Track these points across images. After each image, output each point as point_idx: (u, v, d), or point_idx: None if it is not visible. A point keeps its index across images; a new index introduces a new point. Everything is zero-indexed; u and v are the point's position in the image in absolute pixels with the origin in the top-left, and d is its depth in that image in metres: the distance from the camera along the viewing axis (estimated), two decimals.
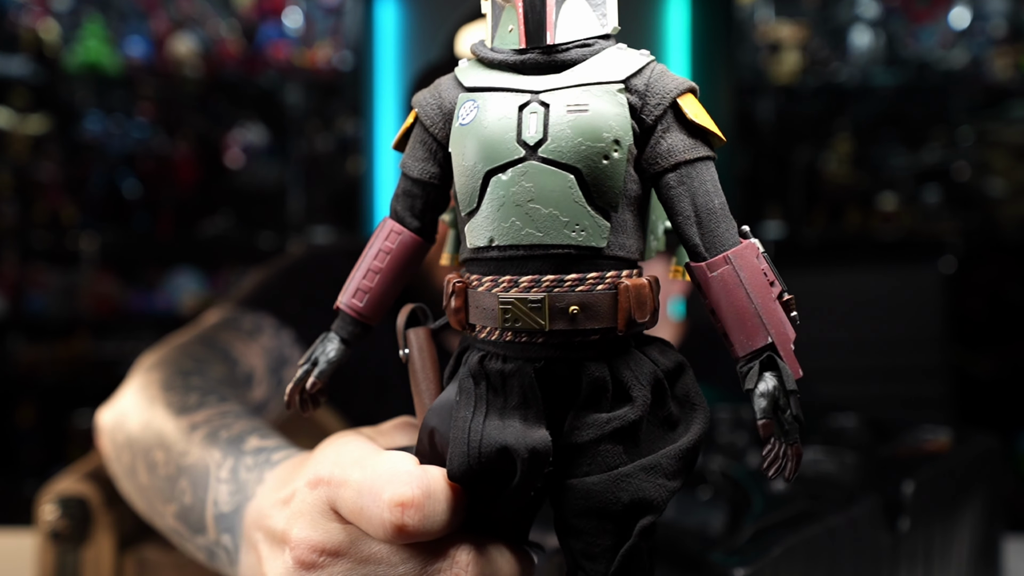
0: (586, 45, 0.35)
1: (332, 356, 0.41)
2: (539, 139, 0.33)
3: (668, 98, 0.35)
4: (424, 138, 0.38)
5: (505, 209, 0.34)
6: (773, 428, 0.34)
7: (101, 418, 0.72)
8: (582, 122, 0.33)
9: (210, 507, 0.53)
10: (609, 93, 0.34)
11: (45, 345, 2.62)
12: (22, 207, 2.57)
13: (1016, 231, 2.55)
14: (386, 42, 2.65)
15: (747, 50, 2.62)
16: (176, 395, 0.66)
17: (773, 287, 0.35)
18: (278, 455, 0.51)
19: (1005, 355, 2.55)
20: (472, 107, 0.35)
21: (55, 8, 2.59)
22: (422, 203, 0.39)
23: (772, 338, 0.34)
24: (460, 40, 1.08)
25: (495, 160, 0.34)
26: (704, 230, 0.35)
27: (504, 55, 0.36)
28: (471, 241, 0.35)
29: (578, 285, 0.34)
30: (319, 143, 2.73)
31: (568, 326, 0.34)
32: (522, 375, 0.35)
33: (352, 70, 2.63)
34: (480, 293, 0.35)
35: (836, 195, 2.61)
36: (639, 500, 0.34)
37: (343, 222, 2.72)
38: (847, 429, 0.87)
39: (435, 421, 0.37)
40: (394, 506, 0.35)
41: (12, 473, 2.58)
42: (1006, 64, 2.49)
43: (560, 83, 0.34)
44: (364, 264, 0.40)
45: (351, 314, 0.40)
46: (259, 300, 0.94)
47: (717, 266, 0.34)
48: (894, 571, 0.69)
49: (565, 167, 0.33)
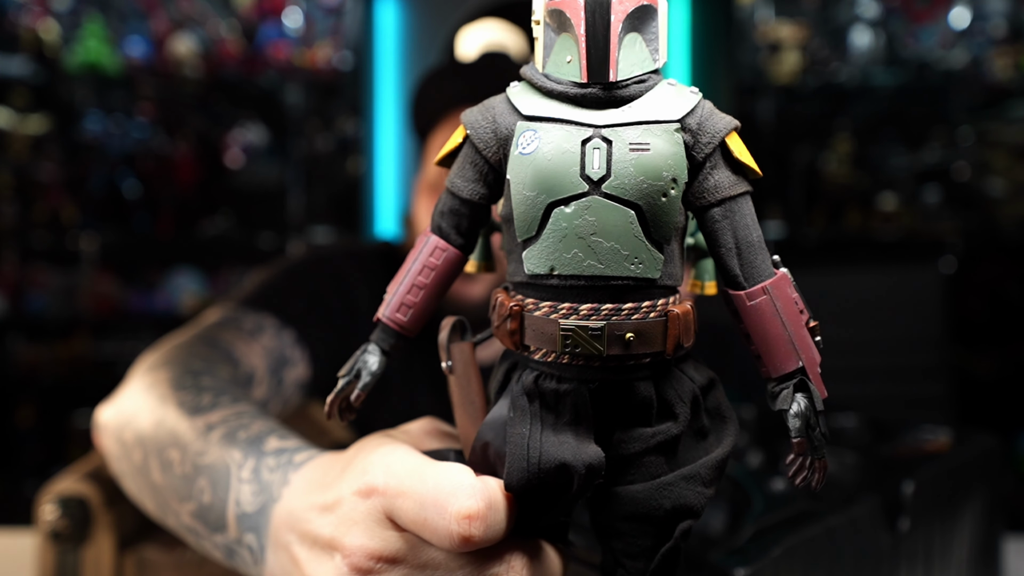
0: (641, 81, 0.36)
1: (375, 369, 0.41)
2: (603, 175, 0.35)
3: (718, 137, 0.37)
4: (475, 159, 0.39)
5: (568, 241, 0.35)
6: (805, 445, 0.37)
7: (101, 416, 0.72)
8: (644, 161, 0.35)
9: (232, 506, 0.54)
10: (667, 132, 0.36)
11: (45, 345, 2.62)
12: (22, 207, 2.57)
13: (1016, 231, 2.55)
14: (386, 42, 2.65)
15: (747, 50, 2.62)
16: (189, 395, 0.67)
17: (803, 315, 0.38)
18: (300, 456, 0.52)
19: (1005, 355, 2.55)
20: (533, 137, 0.36)
21: (55, 8, 2.59)
22: (468, 222, 0.40)
23: (803, 362, 0.38)
24: (460, 41, 1.08)
25: (559, 193, 0.35)
26: (744, 261, 0.38)
27: (563, 86, 0.36)
28: (529, 267, 0.37)
29: (634, 313, 0.36)
30: (319, 143, 2.73)
31: (623, 351, 0.36)
32: (577, 395, 0.37)
33: (352, 70, 2.63)
34: (538, 318, 0.37)
35: (836, 195, 2.61)
36: (680, 506, 0.38)
37: (343, 222, 2.72)
38: (847, 429, 0.87)
39: (490, 435, 0.39)
40: (461, 519, 0.37)
41: (12, 473, 2.58)
42: (1006, 64, 2.49)
43: (620, 119, 0.36)
44: (408, 279, 0.41)
45: (394, 327, 0.41)
46: (260, 300, 0.94)
47: (756, 296, 0.38)
48: (894, 571, 0.69)
49: (627, 203, 0.35)
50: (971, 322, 2.54)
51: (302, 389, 0.93)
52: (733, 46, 2.60)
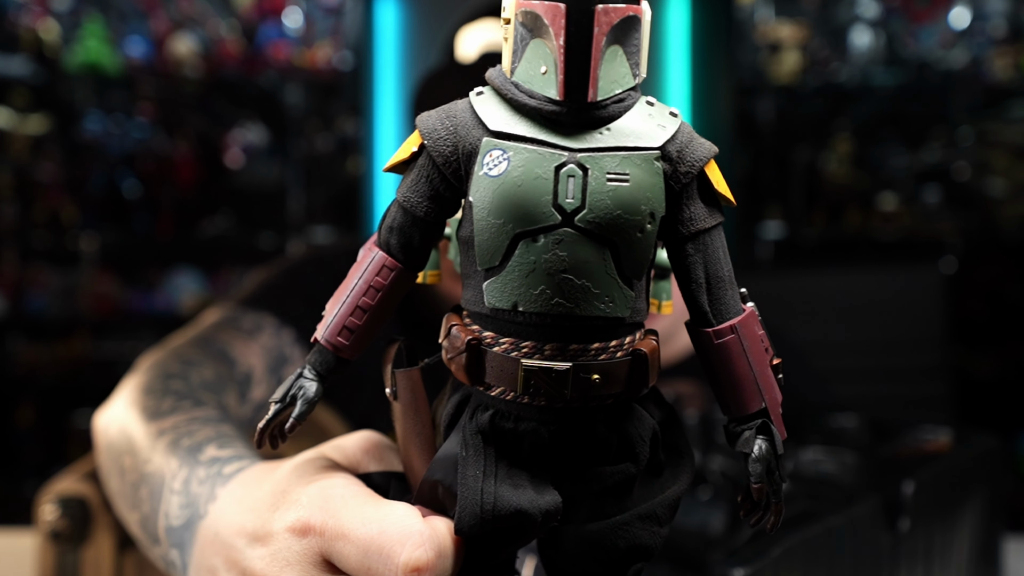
0: (620, 100, 0.33)
1: (311, 396, 0.37)
2: (577, 206, 0.32)
3: (697, 167, 0.34)
4: (431, 174, 0.35)
5: (535, 276, 0.32)
6: (765, 491, 0.36)
7: (96, 421, 0.72)
8: (622, 193, 0.32)
9: (162, 519, 0.52)
10: (647, 162, 0.33)
11: (45, 345, 2.62)
12: (22, 207, 2.57)
13: (1016, 231, 2.55)
14: (386, 42, 2.65)
15: (747, 50, 2.62)
16: (152, 399, 0.66)
17: (767, 353, 0.36)
18: (229, 467, 0.49)
19: (1005, 355, 2.55)
20: (500, 157, 0.33)
21: (55, 8, 2.59)
22: (420, 240, 0.37)
23: (766, 403, 0.36)
24: (460, 41, 1.08)
25: (528, 223, 0.32)
26: (713, 297, 0.36)
27: (537, 101, 0.33)
28: (490, 300, 0.34)
29: (600, 353, 0.34)
30: (319, 143, 2.73)
31: (587, 393, 0.34)
32: (536, 436, 0.35)
33: (352, 70, 2.63)
34: (497, 355, 0.34)
35: (836, 195, 2.61)
36: (635, 546, 0.36)
37: (343, 222, 2.72)
38: (847, 429, 0.87)
39: (439, 474, 0.36)
40: (409, 571, 0.34)
41: (12, 473, 2.58)
42: (1006, 64, 2.49)
43: (598, 143, 0.33)
44: (351, 299, 0.37)
45: (332, 351, 0.37)
46: (260, 299, 0.94)
47: (723, 334, 0.36)
48: (894, 571, 0.69)
49: (601, 239, 0.32)
50: (971, 322, 2.53)
51: None
52: (733, 46, 2.60)
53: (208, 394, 0.71)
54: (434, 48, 2.55)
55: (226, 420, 0.63)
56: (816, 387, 1.30)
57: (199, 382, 0.73)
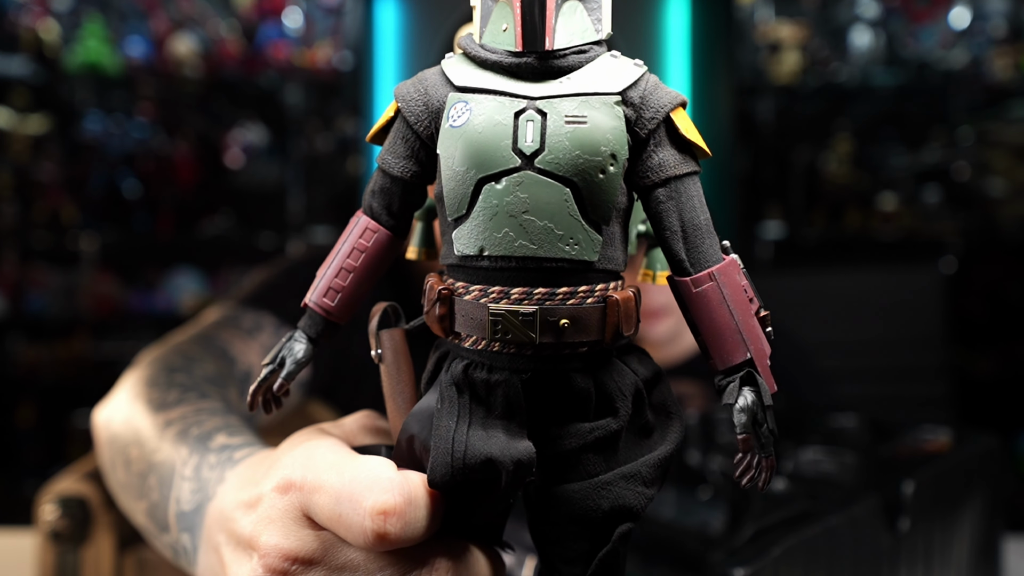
0: (581, 51, 0.34)
1: (300, 357, 0.39)
2: (536, 149, 0.33)
3: (662, 112, 0.34)
4: (406, 134, 0.37)
5: (498, 219, 0.33)
6: (752, 442, 0.35)
7: (96, 417, 0.72)
8: (580, 134, 0.33)
9: (172, 505, 0.53)
10: (607, 105, 0.33)
11: (45, 345, 2.62)
12: (22, 207, 2.57)
13: (1016, 231, 2.55)
14: (386, 42, 2.65)
15: (747, 50, 2.62)
16: (158, 392, 0.66)
17: (752, 303, 0.35)
18: (240, 453, 0.50)
19: (1005, 355, 2.55)
20: (464, 109, 0.34)
21: (55, 8, 2.59)
22: (400, 201, 0.38)
23: (751, 354, 0.35)
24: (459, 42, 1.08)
25: (489, 168, 0.33)
26: (690, 245, 0.35)
27: (498, 55, 0.34)
28: (459, 248, 0.34)
29: (569, 299, 0.34)
30: (319, 143, 2.73)
31: (556, 339, 0.34)
32: (508, 385, 0.35)
33: (352, 70, 2.63)
34: (467, 302, 0.34)
35: (836, 195, 2.61)
36: (619, 507, 0.35)
37: (343, 222, 2.68)
38: (847, 429, 0.87)
39: (415, 428, 0.37)
40: (376, 514, 0.34)
41: (12, 473, 2.58)
42: (1006, 64, 2.49)
43: (557, 91, 0.34)
44: (336, 261, 0.39)
45: (320, 313, 0.39)
46: (260, 299, 0.95)
47: (702, 282, 0.35)
48: (894, 571, 0.69)
49: (562, 179, 0.33)
50: (971, 322, 2.54)
51: (301, 387, 0.93)
52: (733, 46, 2.60)
53: (212, 387, 0.71)
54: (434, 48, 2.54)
55: (232, 412, 0.63)
56: (820, 387, 1.30)
57: (203, 376, 0.73)
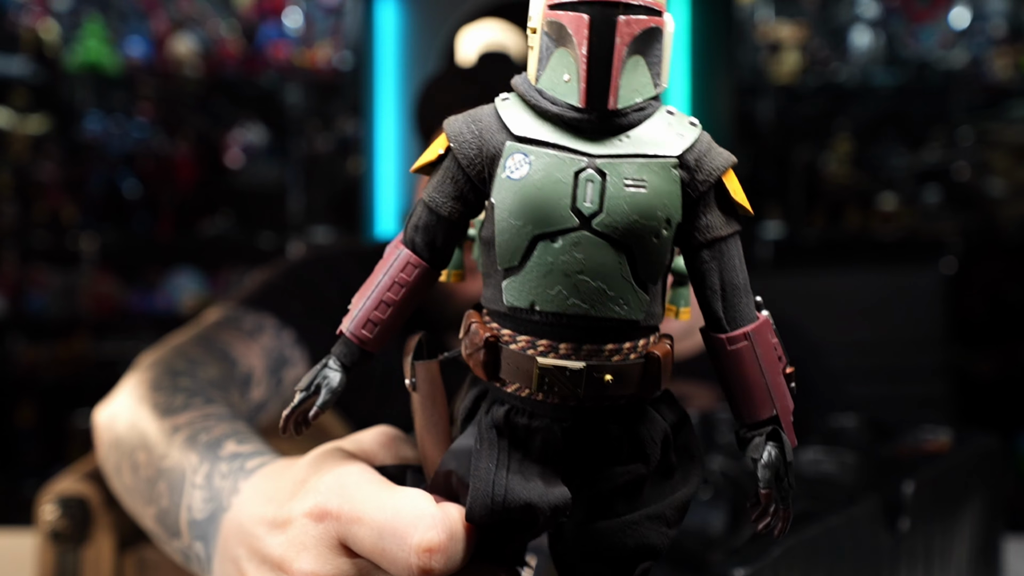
0: (641, 109, 0.34)
1: (336, 386, 0.39)
2: (595, 210, 0.33)
3: (715, 176, 0.35)
4: (456, 175, 0.36)
5: (552, 276, 0.33)
6: (773, 495, 0.36)
7: (96, 417, 0.72)
8: (639, 199, 0.33)
9: (184, 512, 0.53)
10: (665, 169, 0.34)
11: (45, 345, 2.62)
12: (22, 207, 2.57)
13: (1016, 231, 2.55)
14: (386, 42, 2.65)
15: (747, 50, 2.62)
16: (163, 396, 0.66)
17: (780, 361, 0.37)
18: (252, 462, 0.50)
19: (1005, 355, 2.55)
20: (523, 161, 0.34)
21: (55, 8, 2.59)
22: (443, 238, 0.38)
23: (777, 411, 0.36)
24: (460, 42, 1.08)
25: (546, 225, 0.33)
26: (727, 304, 0.36)
27: (559, 108, 0.34)
28: (509, 299, 0.35)
29: (614, 355, 0.35)
30: (319, 143, 2.73)
31: (600, 393, 0.35)
32: (548, 432, 0.36)
33: (352, 70, 2.63)
34: (514, 352, 0.35)
35: (836, 195, 2.61)
36: (643, 546, 0.36)
37: (343, 222, 2.72)
38: (847, 429, 0.87)
39: (454, 465, 0.38)
40: (422, 551, 0.35)
41: (12, 473, 2.58)
42: (1006, 64, 2.49)
43: (616, 150, 0.33)
44: (376, 294, 0.39)
45: (356, 343, 0.39)
46: (261, 299, 0.94)
47: (736, 341, 0.36)
48: (894, 571, 0.69)
49: (618, 243, 0.33)
50: (971, 322, 2.54)
51: None
52: (733, 46, 2.60)
53: (217, 391, 0.71)
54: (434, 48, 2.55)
55: (238, 417, 0.63)
56: (835, 385, 1.30)
57: (207, 380, 0.73)
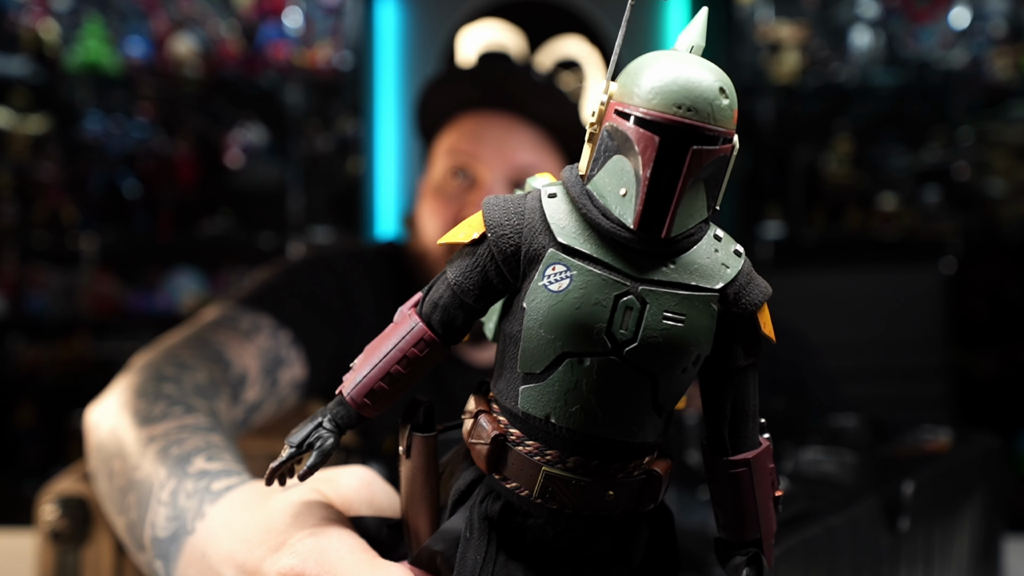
0: (691, 234, 0.33)
1: (327, 448, 0.38)
2: (629, 338, 0.32)
3: (750, 311, 0.34)
4: (488, 267, 0.35)
5: (574, 395, 0.33)
6: None
7: (88, 416, 0.72)
8: (675, 333, 0.32)
9: (148, 528, 0.53)
10: (705, 303, 0.32)
11: (45, 345, 2.61)
12: (22, 207, 2.57)
13: (1016, 231, 2.54)
14: (386, 42, 2.65)
15: (747, 50, 2.61)
16: (144, 403, 0.66)
17: (774, 487, 0.37)
18: (218, 484, 0.50)
19: (1005, 355, 2.55)
20: (564, 275, 0.32)
21: (55, 8, 2.59)
22: (463, 321, 0.37)
23: (761, 534, 0.37)
24: (461, 42, 1.08)
25: (577, 346, 0.32)
26: (734, 430, 0.36)
27: (610, 225, 0.32)
28: (524, 405, 0.34)
29: (619, 472, 0.35)
30: (319, 143, 2.73)
31: (599, 504, 0.35)
32: (541, 532, 0.36)
33: (352, 70, 2.63)
34: (520, 454, 0.34)
35: (836, 195, 2.61)
36: None
37: (343, 222, 2.72)
38: (847, 429, 0.87)
39: (441, 546, 0.37)
40: None
41: (12, 473, 2.58)
42: (1006, 64, 2.49)
43: (660, 276, 0.32)
44: (383, 364, 0.37)
45: (355, 408, 0.38)
46: (259, 299, 0.94)
47: (737, 466, 0.37)
48: (894, 571, 0.69)
49: (646, 372, 0.32)
50: (971, 322, 2.53)
51: (299, 389, 0.93)
52: (733, 46, 2.60)
53: (200, 400, 0.70)
54: (434, 48, 2.54)
55: (216, 429, 0.63)
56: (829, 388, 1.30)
57: (192, 386, 0.72)
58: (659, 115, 0.30)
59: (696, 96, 0.30)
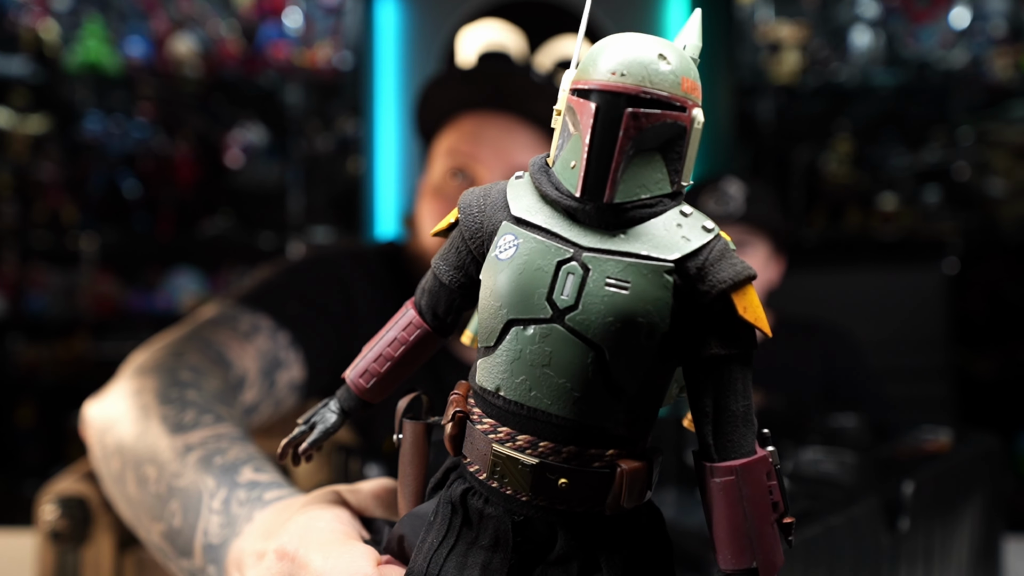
0: (647, 206, 0.32)
1: (329, 427, 0.41)
2: (569, 304, 0.31)
3: (718, 289, 0.31)
4: (460, 246, 0.37)
5: (519, 364, 0.33)
6: None
7: (88, 411, 0.72)
8: (618, 300, 0.31)
9: (200, 536, 0.55)
10: (656, 274, 0.31)
11: (45, 345, 2.61)
12: (22, 207, 2.57)
13: (1016, 231, 2.54)
14: (386, 42, 2.64)
15: (747, 50, 2.61)
16: (172, 409, 0.66)
17: (775, 509, 0.33)
18: (270, 494, 0.52)
19: (1006, 355, 2.55)
20: (511, 243, 0.33)
21: (55, 8, 2.59)
22: (445, 305, 0.39)
23: (757, 564, 0.33)
24: (461, 42, 1.08)
25: (520, 312, 0.32)
26: (718, 431, 0.33)
27: (559, 195, 0.33)
28: (480, 379, 0.34)
29: (572, 459, 0.33)
30: (319, 143, 2.73)
31: (553, 495, 0.33)
32: (499, 522, 0.34)
33: (352, 70, 2.63)
34: (476, 432, 0.34)
35: (836, 195, 2.61)
36: None
37: (343, 222, 2.72)
38: (847, 429, 0.87)
39: (407, 529, 0.38)
40: None
41: (12, 473, 2.57)
42: (1006, 64, 2.49)
43: (607, 245, 0.32)
44: (378, 347, 0.40)
45: (355, 391, 0.41)
46: (259, 299, 0.94)
47: (720, 474, 0.33)
48: (894, 571, 0.69)
49: (589, 342, 0.31)
50: (972, 322, 2.53)
51: (297, 391, 0.93)
52: (733, 46, 2.60)
53: (224, 407, 0.71)
54: (434, 48, 2.54)
55: (248, 438, 0.64)
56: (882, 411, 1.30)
57: (212, 393, 0.73)
58: (595, 83, 0.31)
59: (630, 61, 0.31)
